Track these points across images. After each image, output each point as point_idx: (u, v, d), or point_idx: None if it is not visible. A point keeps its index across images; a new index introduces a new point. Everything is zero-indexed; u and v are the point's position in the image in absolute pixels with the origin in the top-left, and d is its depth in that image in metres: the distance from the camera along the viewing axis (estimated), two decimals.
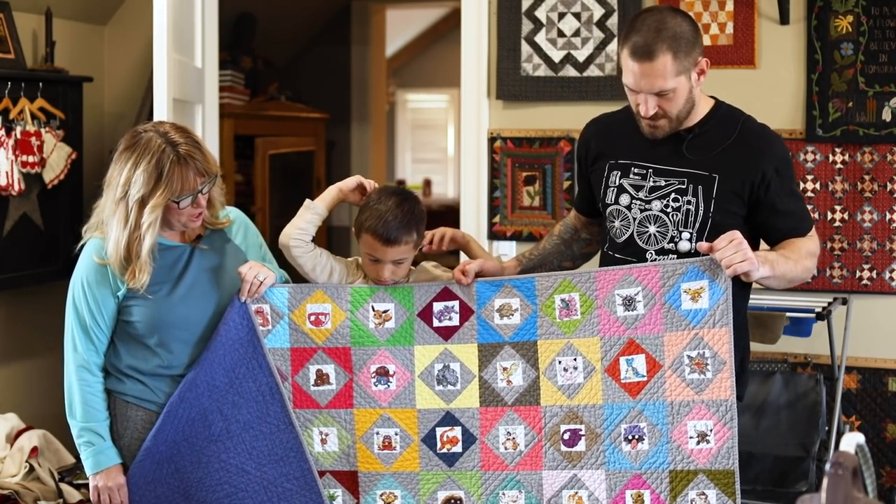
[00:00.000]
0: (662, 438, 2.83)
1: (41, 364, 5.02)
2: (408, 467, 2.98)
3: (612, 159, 3.02)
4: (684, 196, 2.90)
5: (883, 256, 4.11)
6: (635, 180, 2.96)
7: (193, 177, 2.87)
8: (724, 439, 2.80)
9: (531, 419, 2.93)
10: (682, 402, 2.82)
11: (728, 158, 2.89)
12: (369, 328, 2.99)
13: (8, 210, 4.64)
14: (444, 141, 11.56)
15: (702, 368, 2.81)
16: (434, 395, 2.98)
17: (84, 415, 3.00)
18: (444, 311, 2.98)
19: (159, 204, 2.86)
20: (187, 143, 2.90)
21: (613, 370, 2.87)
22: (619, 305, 2.87)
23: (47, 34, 4.89)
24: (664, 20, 2.83)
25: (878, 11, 4.03)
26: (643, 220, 2.95)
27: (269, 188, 6.60)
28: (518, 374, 2.94)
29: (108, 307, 2.97)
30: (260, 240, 3.18)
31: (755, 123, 2.97)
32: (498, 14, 4.47)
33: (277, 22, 7.06)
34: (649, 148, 2.96)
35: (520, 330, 2.95)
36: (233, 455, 3.01)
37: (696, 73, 2.86)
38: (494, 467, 2.95)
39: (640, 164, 2.96)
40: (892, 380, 4.15)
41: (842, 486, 1.90)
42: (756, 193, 2.88)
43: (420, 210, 3.03)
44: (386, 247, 2.96)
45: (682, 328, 2.83)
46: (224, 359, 2.98)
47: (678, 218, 2.91)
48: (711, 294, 2.80)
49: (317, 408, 3.01)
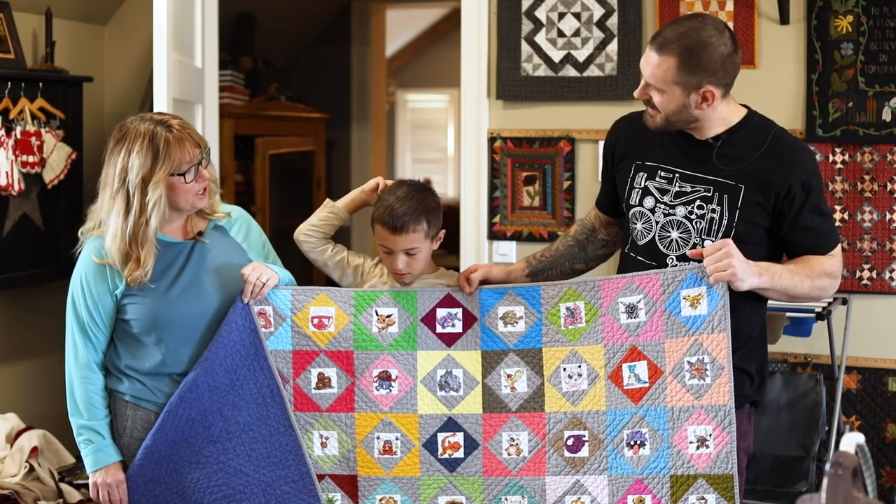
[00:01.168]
0: (663, 444, 2.83)
1: (41, 364, 5.02)
2: (408, 472, 2.98)
3: (638, 160, 2.99)
4: (709, 204, 2.87)
5: (883, 256, 4.11)
6: (661, 184, 2.93)
7: (191, 147, 2.90)
8: (723, 444, 2.80)
9: (535, 425, 2.93)
10: (682, 407, 2.83)
11: (756, 169, 2.84)
12: (372, 332, 2.99)
13: (8, 210, 4.64)
14: (444, 141, 11.54)
15: (701, 374, 2.81)
16: (436, 401, 2.97)
17: (84, 413, 3.01)
18: (448, 317, 2.99)
19: (161, 180, 2.87)
20: (175, 119, 2.94)
21: (616, 377, 2.88)
22: (622, 313, 2.88)
23: (47, 34, 4.89)
24: (700, 30, 2.78)
25: (878, 11, 4.03)
26: (666, 224, 2.92)
27: (269, 188, 6.60)
28: (522, 381, 2.94)
29: (106, 306, 2.98)
30: (263, 238, 3.18)
31: (788, 136, 2.92)
32: (498, 14, 4.47)
33: (277, 22, 7.06)
34: (677, 152, 2.92)
35: (524, 337, 2.95)
36: (231, 457, 3.01)
37: (696, 96, 2.80)
38: (497, 473, 2.94)
39: (666, 168, 2.93)
40: (892, 380, 4.14)
41: (842, 486, 1.90)
42: (780, 206, 2.84)
43: (433, 202, 3.05)
44: (394, 235, 2.98)
45: (682, 335, 2.83)
46: (225, 360, 2.98)
47: (702, 226, 2.88)
48: (710, 300, 2.80)
49: (318, 411, 3.00)
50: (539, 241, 4.44)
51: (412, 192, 3.03)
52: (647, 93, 2.85)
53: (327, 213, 3.13)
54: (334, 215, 3.14)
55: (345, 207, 3.15)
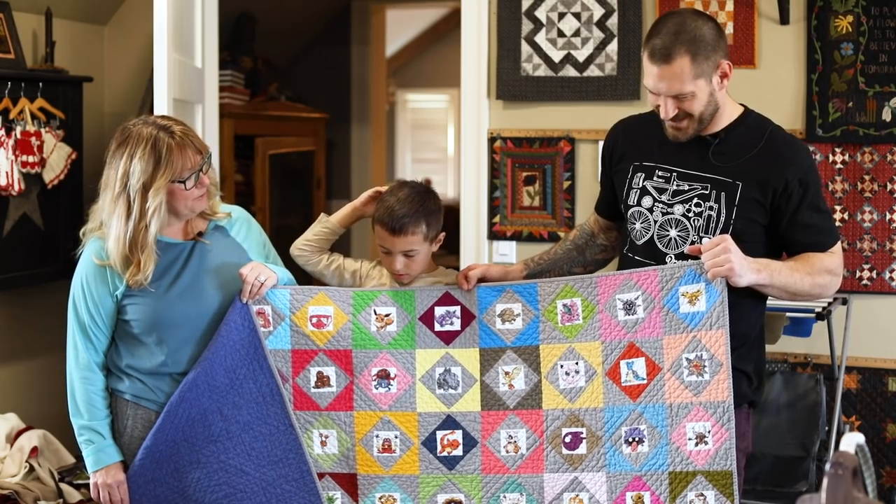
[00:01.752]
0: (662, 440, 2.84)
1: (41, 364, 5.02)
2: (407, 470, 2.98)
3: (636, 161, 3.00)
4: (707, 202, 2.87)
5: (883, 256, 4.11)
6: (659, 183, 2.94)
7: (192, 154, 2.91)
8: (722, 440, 2.80)
9: (533, 423, 2.94)
10: (680, 404, 2.83)
11: (753, 166, 2.86)
12: (371, 331, 3.00)
13: (8, 210, 4.64)
14: (444, 141, 11.55)
15: (699, 370, 2.81)
16: (435, 399, 2.98)
17: (85, 413, 3.01)
18: (446, 315, 2.99)
19: (162, 186, 2.87)
20: (178, 125, 2.94)
21: (614, 373, 2.88)
22: (619, 310, 2.88)
23: (47, 34, 4.89)
24: (684, 22, 2.82)
25: (878, 11, 4.03)
26: (664, 223, 2.93)
27: (269, 188, 6.60)
28: (520, 378, 2.95)
29: (107, 307, 2.98)
30: (263, 238, 3.18)
31: (784, 134, 2.93)
32: (498, 14, 4.47)
33: (277, 22, 7.06)
34: (675, 152, 2.93)
35: (522, 335, 2.96)
36: (232, 456, 3.01)
37: (717, 77, 2.83)
38: (495, 470, 2.95)
39: (664, 168, 2.94)
40: (892, 380, 4.14)
41: (842, 486, 1.90)
42: (777, 202, 2.84)
43: (433, 204, 3.06)
44: (393, 236, 2.99)
45: (680, 331, 2.83)
46: (225, 359, 2.98)
47: (699, 223, 2.89)
48: (708, 297, 2.80)
49: (317, 410, 3.01)
50: (539, 241, 4.44)
51: (413, 195, 3.04)
52: (676, 106, 2.85)
53: (321, 228, 3.15)
54: (329, 230, 3.16)
55: (339, 222, 3.16)
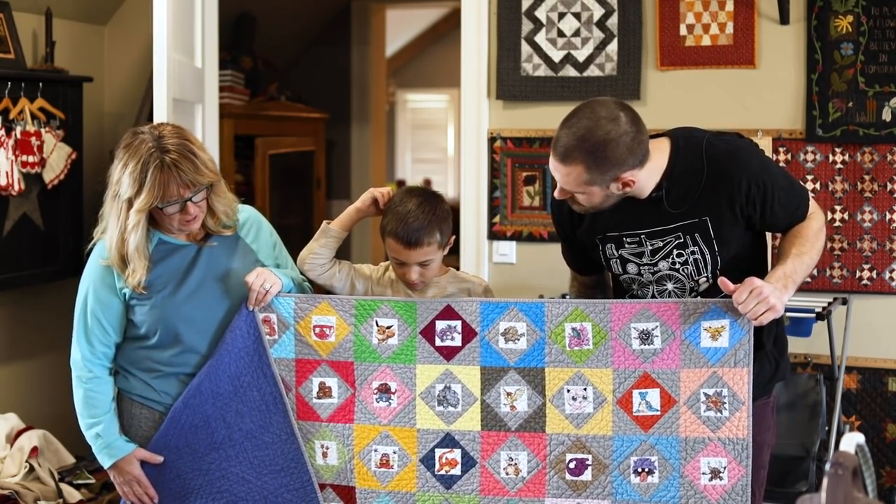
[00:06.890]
0: (674, 473, 2.81)
1: (41, 364, 5.02)
2: (404, 487, 2.95)
3: (599, 233, 2.93)
4: (686, 248, 2.85)
5: (883, 256, 4.11)
6: (633, 248, 2.89)
7: (175, 187, 2.83)
8: (738, 477, 2.78)
9: (535, 446, 2.89)
10: (696, 438, 2.80)
11: (709, 195, 2.81)
12: (372, 343, 2.96)
13: (8, 210, 4.64)
14: (444, 141, 11.55)
15: (718, 407, 2.79)
16: (434, 416, 2.93)
17: (91, 412, 3.01)
18: (447, 330, 2.93)
19: (142, 209, 2.84)
20: (178, 150, 2.84)
21: (626, 402, 2.84)
22: (634, 338, 2.83)
23: (47, 34, 4.89)
24: (596, 126, 2.69)
25: (878, 11, 4.03)
26: (657, 280, 2.91)
27: (269, 188, 6.60)
28: (523, 400, 2.89)
29: (114, 307, 2.97)
30: (274, 238, 3.16)
31: (719, 145, 2.85)
32: (498, 14, 4.47)
33: (277, 22, 7.06)
34: (631, 216, 2.86)
35: (526, 355, 2.89)
36: (234, 463, 3.01)
37: (615, 185, 2.76)
38: (494, 492, 2.90)
39: (629, 234, 2.88)
40: (892, 380, 4.14)
41: (842, 486, 1.90)
42: (747, 211, 2.82)
43: (444, 210, 2.99)
44: (409, 249, 2.93)
45: (700, 365, 2.80)
46: (229, 367, 2.97)
47: (689, 270, 2.87)
48: (732, 334, 2.77)
49: (318, 420, 2.98)
50: (539, 241, 4.44)
51: (424, 203, 2.96)
52: (567, 194, 2.81)
53: (327, 238, 3.05)
54: (334, 238, 3.06)
55: (342, 227, 3.07)
